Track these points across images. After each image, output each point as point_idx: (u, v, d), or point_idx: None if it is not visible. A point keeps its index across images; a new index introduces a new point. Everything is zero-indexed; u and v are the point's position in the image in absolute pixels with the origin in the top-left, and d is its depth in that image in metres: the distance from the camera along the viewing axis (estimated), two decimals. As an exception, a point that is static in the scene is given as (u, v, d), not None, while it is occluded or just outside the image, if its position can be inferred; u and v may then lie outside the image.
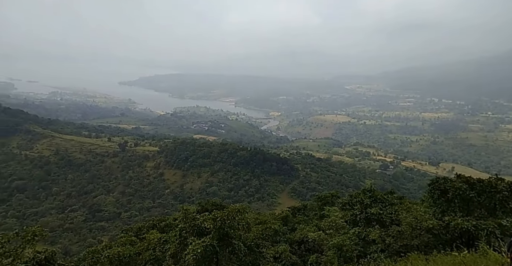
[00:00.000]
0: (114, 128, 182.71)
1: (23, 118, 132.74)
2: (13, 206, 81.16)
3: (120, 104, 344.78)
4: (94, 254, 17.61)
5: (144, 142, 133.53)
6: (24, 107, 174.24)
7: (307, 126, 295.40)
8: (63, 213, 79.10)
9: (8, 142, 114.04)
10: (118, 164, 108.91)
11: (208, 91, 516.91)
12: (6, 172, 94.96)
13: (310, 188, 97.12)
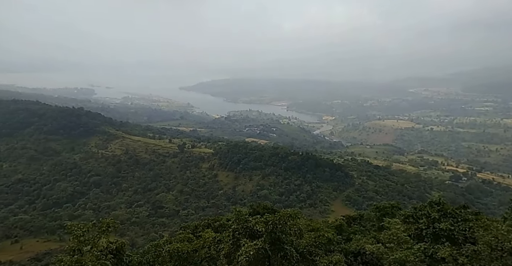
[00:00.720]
0: (174, 130, 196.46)
1: (100, 120, 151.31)
2: (90, 199, 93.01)
3: (180, 108, 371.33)
4: (157, 247, 19.03)
5: (200, 144, 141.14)
6: (102, 111, 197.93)
7: (364, 132, 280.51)
8: (131, 207, 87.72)
9: (88, 141, 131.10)
10: (177, 164, 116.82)
11: (261, 95, 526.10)
12: (86, 168, 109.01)
13: (367, 197, 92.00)
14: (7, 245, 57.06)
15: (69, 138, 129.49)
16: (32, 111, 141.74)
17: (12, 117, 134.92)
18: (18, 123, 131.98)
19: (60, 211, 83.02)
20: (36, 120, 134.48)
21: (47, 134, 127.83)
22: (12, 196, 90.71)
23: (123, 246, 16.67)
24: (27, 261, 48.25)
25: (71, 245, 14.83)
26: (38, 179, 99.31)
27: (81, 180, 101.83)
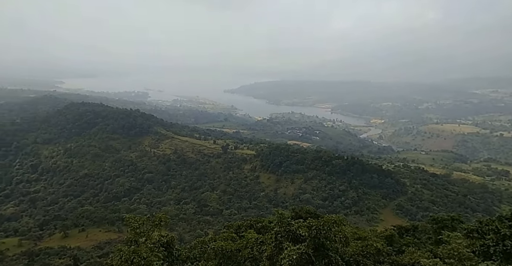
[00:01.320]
0: (218, 132, 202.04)
1: (153, 121, 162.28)
2: (144, 194, 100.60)
3: (224, 110, 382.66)
4: (203, 244, 19.78)
5: (243, 145, 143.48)
6: (154, 112, 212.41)
7: (418, 136, 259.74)
8: (179, 204, 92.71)
9: (142, 140, 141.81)
10: (221, 164, 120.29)
11: (304, 97, 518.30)
12: (141, 165, 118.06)
13: (422, 207, 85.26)
14: (75, 232, 64.28)
15: (127, 137, 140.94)
16: (97, 113, 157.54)
17: (81, 118, 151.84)
18: (86, 123, 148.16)
19: (118, 204, 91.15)
20: (100, 121, 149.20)
21: (109, 133, 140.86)
22: (80, 188, 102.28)
23: (172, 240, 17.65)
24: (91, 248, 53.54)
25: (128, 236, 15.94)
26: (101, 174, 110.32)
27: (136, 176, 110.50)
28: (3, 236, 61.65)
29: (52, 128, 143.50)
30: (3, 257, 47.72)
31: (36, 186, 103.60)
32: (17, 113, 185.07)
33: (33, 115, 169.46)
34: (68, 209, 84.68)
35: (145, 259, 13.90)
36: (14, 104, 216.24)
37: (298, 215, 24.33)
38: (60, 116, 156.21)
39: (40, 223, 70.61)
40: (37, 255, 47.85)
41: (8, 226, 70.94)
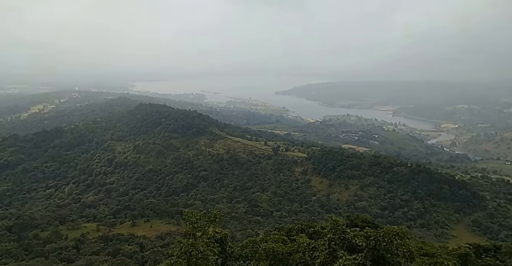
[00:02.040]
0: (269, 133, 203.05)
1: (208, 122, 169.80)
2: (199, 191, 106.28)
3: (276, 112, 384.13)
4: (254, 244, 20.05)
5: (294, 147, 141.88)
6: (210, 114, 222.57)
7: (502, 144, 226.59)
8: (231, 203, 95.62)
9: (199, 140, 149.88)
10: (272, 166, 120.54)
11: (361, 99, 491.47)
12: (197, 163, 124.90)
13: (506, 226, 74.89)
14: (141, 222, 71.06)
15: (185, 136, 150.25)
16: (161, 113, 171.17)
17: (148, 118, 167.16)
18: (151, 123, 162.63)
19: (177, 198, 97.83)
20: (163, 121, 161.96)
21: (170, 132, 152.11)
22: (146, 182, 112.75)
23: (226, 237, 18.26)
24: (154, 238, 58.59)
25: (187, 229, 16.90)
26: (163, 170, 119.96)
27: (193, 173, 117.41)
28: (85, 221, 71.46)
29: (124, 127, 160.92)
30: (85, 239, 55.52)
31: (111, 178, 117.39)
32: (97, 113, 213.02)
33: (110, 115, 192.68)
34: (136, 200, 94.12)
35: (201, 252, 14.61)
36: (95, 105, 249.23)
37: (353, 223, 23.13)
38: (131, 116, 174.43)
39: (113, 211, 79.95)
40: (110, 240, 54.39)
41: (89, 212, 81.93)
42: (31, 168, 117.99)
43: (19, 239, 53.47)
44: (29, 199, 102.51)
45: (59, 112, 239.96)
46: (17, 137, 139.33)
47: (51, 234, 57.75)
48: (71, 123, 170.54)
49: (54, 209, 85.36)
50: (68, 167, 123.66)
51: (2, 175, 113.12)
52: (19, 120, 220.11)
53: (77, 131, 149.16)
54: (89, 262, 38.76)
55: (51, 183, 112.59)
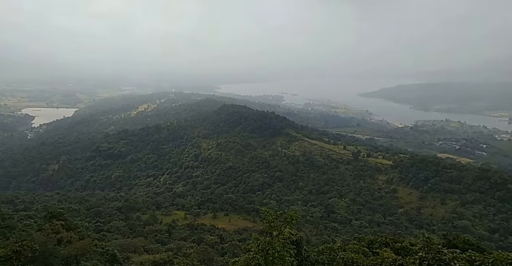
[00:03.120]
0: (349, 137, 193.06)
1: (285, 123, 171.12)
2: (274, 191, 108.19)
3: (357, 115, 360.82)
4: (331, 251, 19.31)
5: (377, 153, 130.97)
6: (287, 115, 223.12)
7: None
8: (306, 206, 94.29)
9: (275, 141, 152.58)
10: (351, 171, 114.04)
11: (465, 103, 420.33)
12: (273, 164, 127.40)
13: None
14: (221, 215, 76.49)
15: (262, 137, 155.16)
16: (241, 114, 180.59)
17: (230, 118, 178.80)
18: (233, 123, 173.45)
19: (253, 196, 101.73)
20: (243, 121, 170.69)
21: (249, 132, 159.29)
22: (225, 178, 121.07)
23: (301, 240, 18.09)
24: (232, 231, 62.27)
25: (264, 227, 17.39)
26: (241, 167, 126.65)
27: (268, 173, 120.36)
28: (176, 208, 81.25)
29: (209, 125, 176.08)
30: (175, 225, 63.35)
31: (197, 172, 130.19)
32: (188, 112, 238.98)
33: (198, 114, 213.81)
34: (217, 194, 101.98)
35: (278, 252, 14.85)
36: (187, 105, 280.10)
37: (451, 243, 20.51)
38: (215, 116, 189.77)
39: (198, 202, 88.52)
40: (195, 229, 60.41)
41: (179, 201, 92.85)
42: (137, 158, 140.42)
43: (126, 218, 64.47)
44: (134, 185, 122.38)
45: (159, 111, 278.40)
46: (127, 131, 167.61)
47: (149, 217, 67.73)
48: (167, 121, 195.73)
49: (152, 196, 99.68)
50: (164, 160, 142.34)
51: (116, 163, 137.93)
52: (129, 117, 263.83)
53: (171, 128, 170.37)
54: (179, 246, 43.77)
55: (151, 173, 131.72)
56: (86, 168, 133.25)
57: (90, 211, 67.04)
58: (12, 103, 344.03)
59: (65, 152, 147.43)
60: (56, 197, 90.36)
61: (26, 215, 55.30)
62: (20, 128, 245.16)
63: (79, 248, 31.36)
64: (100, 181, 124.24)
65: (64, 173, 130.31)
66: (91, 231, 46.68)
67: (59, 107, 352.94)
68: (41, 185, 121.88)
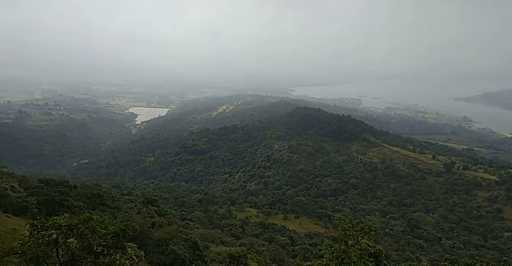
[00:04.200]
0: (440, 146, 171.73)
1: (363, 128, 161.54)
2: (348, 198, 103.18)
3: (452, 122, 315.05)
4: (418, 271, 17.77)
5: (477, 166, 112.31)
6: (365, 119, 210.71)
7: None
8: (384, 217, 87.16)
9: (350, 146, 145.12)
10: (441, 184, 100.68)
11: None
12: (347, 169, 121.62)
13: None
14: (292, 217, 76.82)
15: (336, 141, 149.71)
16: (314, 116, 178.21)
17: (303, 120, 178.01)
18: (305, 125, 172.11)
19: (325, 201, 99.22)
20: (316, 124, 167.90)
21: (322, 135, 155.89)
22: (296, 180, 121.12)
23: (380, 253, 17.17)
24: (303, 235, 62.05)
25: (339, 234, 17.15)
26: (312, 171, 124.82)
27: (342, 179, 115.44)
28: (248, 206, 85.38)
29: (282, 127, 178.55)
30: (248, 222, 66.68)
31: (269, 172, 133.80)
32: (262, 114, 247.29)
33: (271, 116, 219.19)
34: (288, 196, 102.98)
35: (354, 262, 14.55)
36: (261, 107, 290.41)
37: None
38: (288, 118, 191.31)
39: (269, 202, 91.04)
40: (266, 228, 62.42)
41: (251, 199, 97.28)
42: (215, 156, 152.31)
43: (205, 210, 70.91)
44: (212, 180, 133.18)
45: (236, 112, 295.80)
46: (208, 130, 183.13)
47: (225, 211, 72.98)
48: (243, 121, 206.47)
49: (228, 192, 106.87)
50: (239, 158, 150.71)
51: (198, 159, 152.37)
52: (210, 117, 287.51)
53: (247, 129, 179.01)
54: (251, 242, 46.02)
55: (227, 170, 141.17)
56: (174, 161, 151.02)
57: (177, 201, 76.09)
58: (122, 103, 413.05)
59: (159, 146, 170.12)
60: (151, 185, 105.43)
61: (128, 199, 66.11)
62: (127, 124, 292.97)
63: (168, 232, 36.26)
64: (185, 174, 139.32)
65: (158, 165, 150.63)
66: (177, 218, 53.09)
67: (156, 107, 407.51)
68: (140, 174, 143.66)
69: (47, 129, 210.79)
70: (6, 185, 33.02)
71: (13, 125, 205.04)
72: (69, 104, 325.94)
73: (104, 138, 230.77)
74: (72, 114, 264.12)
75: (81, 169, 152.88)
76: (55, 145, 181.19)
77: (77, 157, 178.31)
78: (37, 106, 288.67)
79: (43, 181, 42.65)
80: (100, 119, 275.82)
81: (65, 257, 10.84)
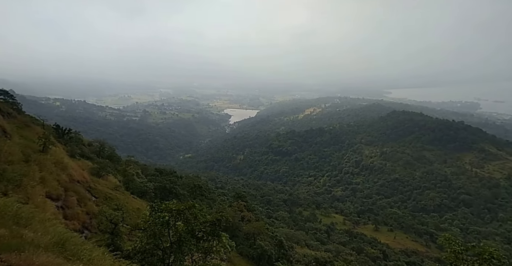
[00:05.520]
0: None
1: (480, 137, 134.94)
2: (458, 216, 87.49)
3: None
4: None
5: None
6: (484, 127, 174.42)
7: None
8: (509, 244, 70.42)
9: (462, 156, 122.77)
10: None
11: None
12: (456, 184, 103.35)
13: None
14: (384, 230, 70.20)
15: (443, 150, 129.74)
16: (415, 122, 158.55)
17: (399, 125, 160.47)
18: (402, 131, 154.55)
19: (427, 217, 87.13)
20: (417, 130, 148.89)
21: (423, 143, 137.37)
22: (390, 190, 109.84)
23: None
24: (398, 251, 55.79)
25: (447, 257, 14.88)
26: (410, 182, 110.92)
27: (449, 194, 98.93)
28: (334, 211, 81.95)
29: (374, 132, 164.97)
30: (333, 228, 64.01)
31: (357, 179, 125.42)
32: (352, 118, 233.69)
33: (362, 119, 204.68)
34: (379, 206, 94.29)
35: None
36: (351, 110, 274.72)
37: None
38: (382, 122, 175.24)
39: (357, 210, 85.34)
40: (354, 237, 58.57)
41: (337, 205, 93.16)
42: (300, 158, 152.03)
43: (290, 211, 71.60)
44: (297, 182, 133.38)
45: (323, 115, 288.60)
46: (294, 132, 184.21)
47: (310, 214, 72.03)
48: (330, 125, 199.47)
49: (313, 195, 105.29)
50: (324, 162, 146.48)
51: (283, 160, 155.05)
52: (297, 119, 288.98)
53: (333, 132, 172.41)
54: (337, 250, 43.75)
55: (312, 173, 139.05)
56: (261, 161, 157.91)
57: (263, 198, 79.35)
58: (218, 105, 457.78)
59: (248, 145, 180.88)
60: (240, 181, 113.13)
61: (222, 192, 72.56)
62: (222, 124, 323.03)
63: (256, 227, 38.10)
64: (271, 173, 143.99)
65: (247, 163, 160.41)
66: (264, 215, 55.28)
67: (247, 109, 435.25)
68: (231, 170, 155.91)
69: (162, 126, 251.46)
70: (133, 171, 41.00)
71: (139, 122, 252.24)
72: (179, 105, 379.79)
73: (204, 136, 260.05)
74: (180, 114, 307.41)
75: (185, 162, 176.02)
76: (167, 140, 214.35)
77: (182, 151, 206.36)
78: (155, 107, 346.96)
79: (158, 170, 51.04)
80: (201, 119, 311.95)
81: (174, 237, 12.79)
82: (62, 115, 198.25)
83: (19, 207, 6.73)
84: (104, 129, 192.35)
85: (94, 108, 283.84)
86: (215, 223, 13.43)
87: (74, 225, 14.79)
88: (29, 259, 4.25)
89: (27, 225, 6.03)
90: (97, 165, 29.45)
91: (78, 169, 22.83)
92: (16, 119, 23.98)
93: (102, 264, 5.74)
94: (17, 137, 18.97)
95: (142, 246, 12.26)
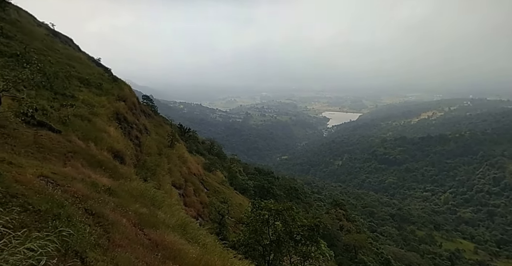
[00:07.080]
0: None
1: None
2: None
3: None
4: None
5: None
6: None
7: None
8: None
9: None
10: None
11: None
12: None
13: None
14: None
15: None
16: None
17: None
18: None
19: None
20: None
21: None
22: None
23: None
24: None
25: None
26: None
27: None
28: (461, 236, 67.25)
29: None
30: (460, 256, 52.29)
31: (496, 200, 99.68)
32: (489, 123, 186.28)
33: (506, 126, 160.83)
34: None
35: None
36: (488, 114, 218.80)
37: None
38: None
39: (497, 239, 67.42)
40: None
41: (465, 229, 76.14)
42: (413, 168, 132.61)
43: (399, 228, 63.08)
44: (408, 196, 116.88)
45: (446, 119, 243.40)
46: (405, 139, 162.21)
47: (425, 235, 61.56)
48: (456, 132, 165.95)
49: (430, 213, 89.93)
50: (447, 175, 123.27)
51: (390, 169, 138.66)
52: (409, 124, 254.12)
53: (461, 141, 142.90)
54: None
55: (428, 187, 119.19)
56: (363, 168, 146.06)
57: (365, 209, 72.90)
58: (316, 107, 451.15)
59: (347, 151, 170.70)
60: (338, 188, 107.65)
61: (318, 197, 70.62)
62: (319, 127, 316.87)
63: (357, 240, 35.16)
64: (374, 183, 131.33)
65: (345, 169, 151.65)
66: (366, 228, 50.59)
67: (348, 112, 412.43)
68: (328, 175, 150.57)
69: (261, 128, 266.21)
70: (236, 169, 44.73)
71: (242, 123, 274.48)
72: (277, 108, 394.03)
73: (300, 138, 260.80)
74: (278, 117, 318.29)
75: (281, 163, 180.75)
76: (266, 141, 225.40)
77: (279, 152, 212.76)
78: (256, 109, 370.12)
79: (257, 169, 53.98)
80: (298, 121, 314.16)
81: (273, 236, 13.07)
82: (184, 116, 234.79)
83: (155, 191, 8.22)
84: (214, 129, 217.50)
85: (207, 110, 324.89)
86: (313, 228, 13.05)
87: (191, 211, 17.10)
88: (162, 236, 5.04)
89: (160, 207, 7.27)
90: (208, 160, 33.52)
91: (194, 163, 26.55)
92: (153, 119, 29.85)
93: (214, 250, 6.28)
94: (154, 134, 23.50)
95: (245, 240, 13.08)
